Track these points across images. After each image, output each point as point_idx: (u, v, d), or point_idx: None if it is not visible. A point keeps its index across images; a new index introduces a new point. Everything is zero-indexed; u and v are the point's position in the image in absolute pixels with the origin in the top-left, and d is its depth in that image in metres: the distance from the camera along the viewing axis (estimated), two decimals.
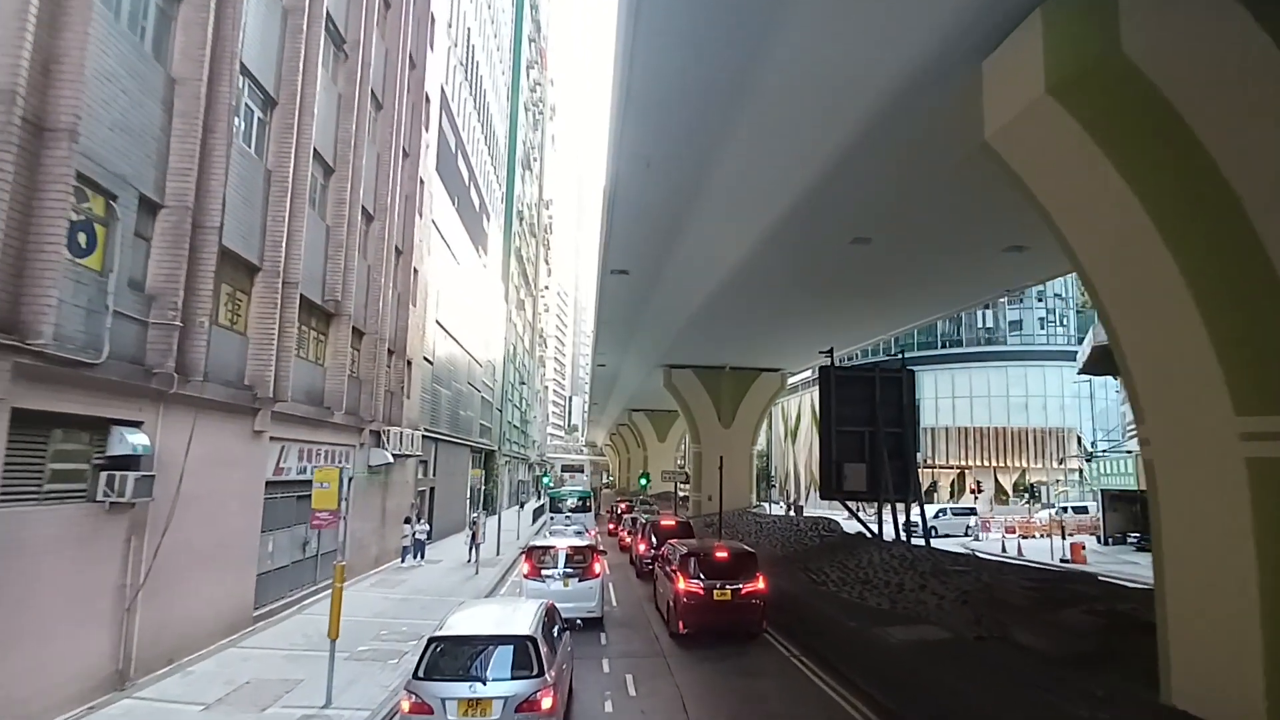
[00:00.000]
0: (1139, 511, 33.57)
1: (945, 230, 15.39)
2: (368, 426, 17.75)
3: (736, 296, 22.87)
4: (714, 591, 12.45)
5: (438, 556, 22.86)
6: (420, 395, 23.89)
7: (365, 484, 18.17)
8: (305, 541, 14.70)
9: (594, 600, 13.47)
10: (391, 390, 20.21)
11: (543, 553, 14.04)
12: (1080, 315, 58.92)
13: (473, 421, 34.59)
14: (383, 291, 18.18)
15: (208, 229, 9.88)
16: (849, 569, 16.69)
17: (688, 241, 18.87)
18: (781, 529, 26.84)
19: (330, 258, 14.91)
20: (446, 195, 27.34)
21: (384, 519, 19.95)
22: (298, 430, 13.85)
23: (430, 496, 26.20)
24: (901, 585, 14.03)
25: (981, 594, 12.39)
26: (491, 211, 40.33)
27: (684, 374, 38.45)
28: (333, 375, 15.37)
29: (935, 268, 17.69)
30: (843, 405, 22.34)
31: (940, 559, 16.15)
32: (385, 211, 18.25)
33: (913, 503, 22.91)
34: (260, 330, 11.88)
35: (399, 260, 20.76)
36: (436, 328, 26.29)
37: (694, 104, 11.83)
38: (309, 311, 14.55)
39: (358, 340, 17.51)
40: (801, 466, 79.74)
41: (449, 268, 28.12)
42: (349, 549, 17.09)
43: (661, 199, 16.18)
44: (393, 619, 13.54)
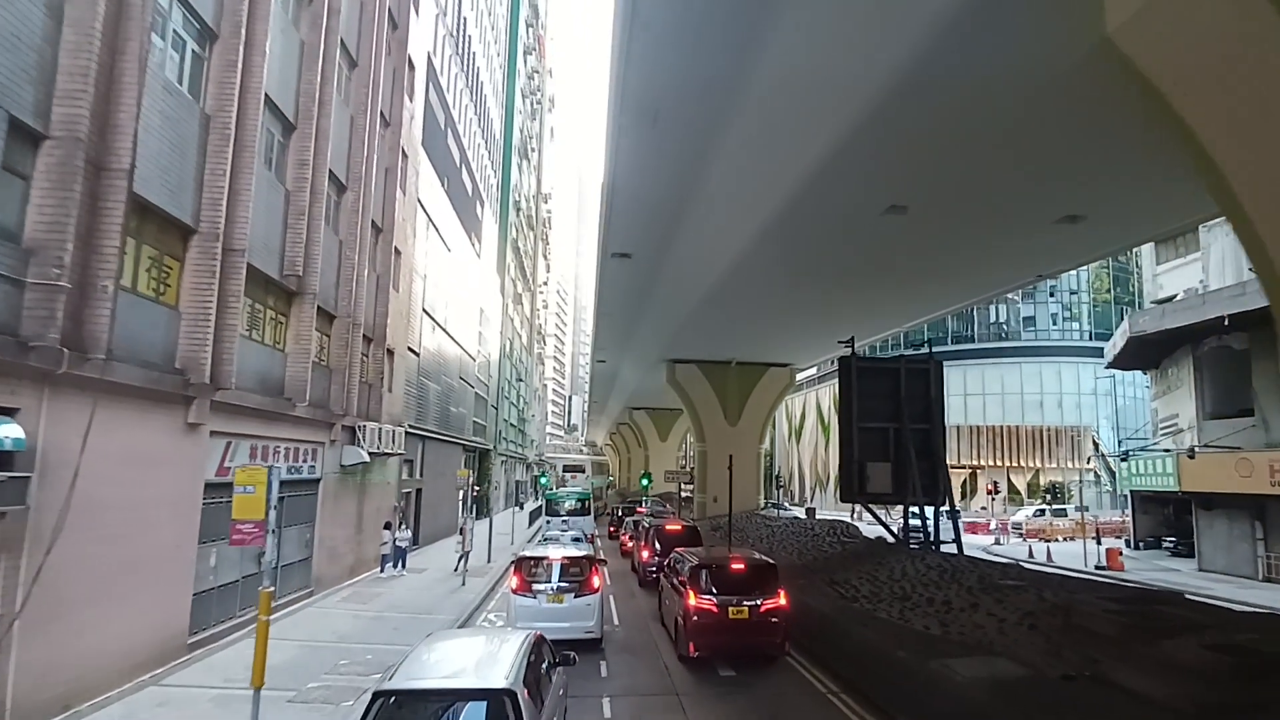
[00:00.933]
0: (1171, 514, 31.75)
1: (992, 197, 13.50)
2: (339, 421, 15.84)
3: (747, 282, 20.99)
4: (729, 609, 10.79)
5: (423, 564, 20.94)
6: (404, 389, 21.99)
7: (337, 486, 16.26)
8: (260, 553, 12.76)
9: (592, 619, 11.76)
10: (369, 382, 18.29)
11: (534, 564, 12.26)
12: (1096, 311, 57.04)
13: (465, 419, 32.68)
14: (357, 271, 16.27)
15: (113, 171, 7.97)
16: (881, 582, 14.78)
17: (697, 216, 16.97)
18: (795, 533, 24.95)
19: (290, 227, 13.00)
20: (435, 174, 25.43)
21: (360, 524, 18.04)
22: (249, 424, 11.94)
23: (416, 498, 24.30)
24: (948, 603, 12.11)
25: (1052, 616, 10.47)
26: (486, 199, 38.42)
27: (688, 369, 36.61)
28: (295, 362, 13.47)
29: (977, 242, 15.77)
30: (865, 399, 20.56)
31: (986, 570, 14.24)
32: (360, 182, 16.34)
33: (941, 505, 21.05)
34: (195, 304, 9.97)
35: (378, 239, 18.86)
36: (424, 317, 24.39)
37: (713, 38, 9.93)
38: (263, 287, 12.64)
39: (326, 324, 15.60)
40: (806, 467, 77.82)
41: (438, 253, 26.22)
42: (319, 559, 15.20)
43: (670, 164, 14.28)
44: (358, 644, 11.62)
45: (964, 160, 12.08)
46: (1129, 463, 29.31)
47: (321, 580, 15.47)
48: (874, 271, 18.99)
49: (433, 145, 25.04)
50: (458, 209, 29.52)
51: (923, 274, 18.83)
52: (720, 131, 12.79)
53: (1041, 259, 17.11)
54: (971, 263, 17.45)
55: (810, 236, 16.48)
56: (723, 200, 15.63)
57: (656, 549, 18.24)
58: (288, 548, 13.90)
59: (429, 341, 25.26)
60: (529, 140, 59.26)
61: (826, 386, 73.08)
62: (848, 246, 17.03)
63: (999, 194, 13.28)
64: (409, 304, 22.14)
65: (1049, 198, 13.35)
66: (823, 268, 19.46)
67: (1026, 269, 18.61)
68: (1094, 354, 55.56)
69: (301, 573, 14.64)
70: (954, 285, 20.35)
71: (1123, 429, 55.08)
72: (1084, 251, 16.73)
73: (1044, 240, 15.27)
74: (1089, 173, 12.51)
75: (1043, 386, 55.88)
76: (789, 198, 14.25)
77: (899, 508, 20.69)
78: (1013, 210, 13.91)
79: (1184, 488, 24.66)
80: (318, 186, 13.78)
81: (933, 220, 14.55)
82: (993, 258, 16.73)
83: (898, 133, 11.39)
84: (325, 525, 15.56)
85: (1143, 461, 28.39)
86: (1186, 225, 15.37)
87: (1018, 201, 13.55)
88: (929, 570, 15.12)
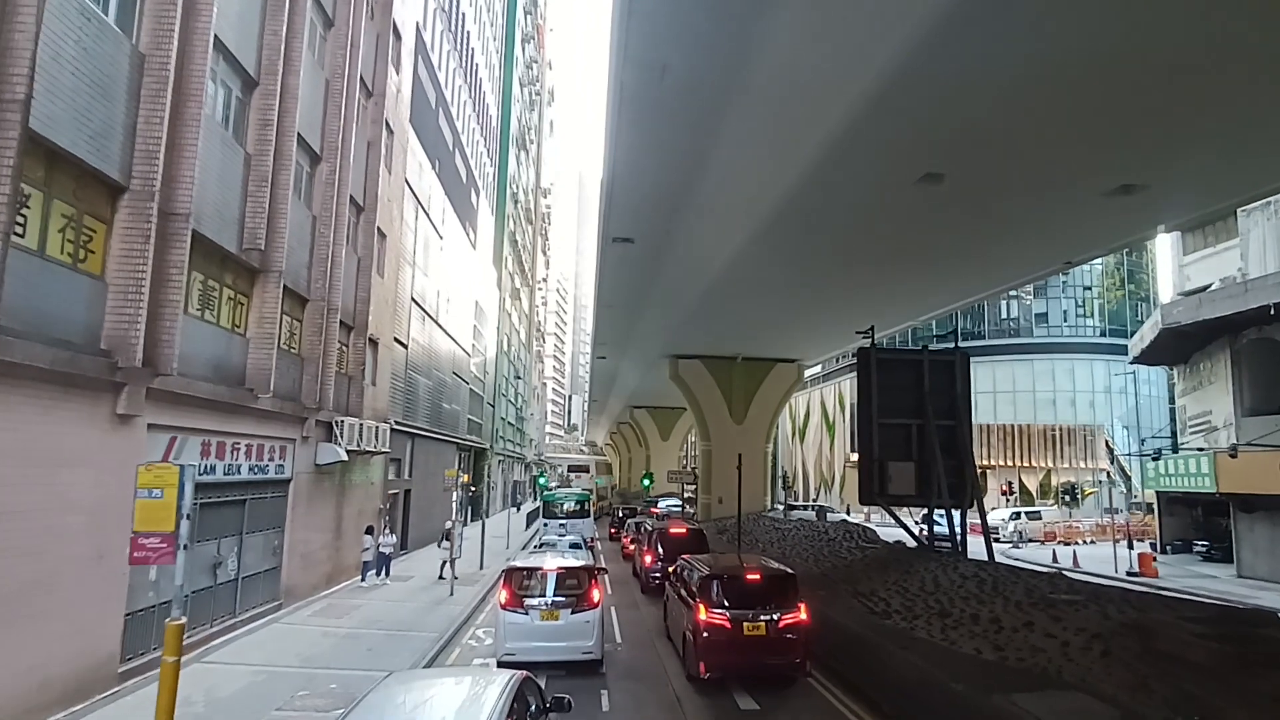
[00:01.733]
0: (1200, 516, 30.27)
1: (1040, 163, 11.99)
2: (313, 416, 14.36)
3: (757, 269, 19.56)
4: (744, 624, 9.71)
5: (409, 571, 19.46)
6: (391, 382, 20.50)
7: (311, 487, 14.78)
8: (218, 562, 11.30)
9: (591, 639, 10.44)
10: (349, 374, 16.81)
11: (525, 575, 10.97)
12: (1109, 307, 55.54)
13: (459, 416, 31.19)
14: (333, 251, 14.78)
15: (3, 102, 6.49)
16: (913, 594, 13.32)
17: (705, 194, 15.51)
18: (808, 537, 23.46)
19: (251, 195, 11.51)
20: (425, 156, 23.95)
21: (339, 528, 16.56)
22: (201, 416, 10.45)
23: (405, 500, 22.81)
24: (997, 621, 10.62)
25: (1125, 639, 8.99)
26: (481, 188, 36.94)
27: (692, 365, 35.17)
28: (258, 348, 11.98)
29: (1018, 217, 14.26)
30: (886, 394, 19.11)
31: (1031, 580, 12.77)
32: (336, 153, 14.86)
33: (969, 508, 19.58)
34: (125, 273, 8.48)
35: (359, 219, 17.38)
36: (413, 306, 22.91)
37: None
38: (219, 262, 11.16)
39: (297, 308, 14.11)
40: (810, 467, 76.29)
41: (429, 240, 24.74)
42: (290, 568, 13.72)
43: (678, 130, 12.82)
44: (323, 668, 10.13)
45: (1011, 118, 10.61)
46: (1159, 462, 27.78)
47: (293, 591, 13.99)
48: (899, 253, 17.51)
49: (422, 124, 23.57)
50: (450, 195, 28.04)
51: (954, 255, 17.33)
52: (734, 89, 11.33)
53: (1084, 236, 15.57)
54: (1008, 241, 15.94)
55: (830, 214, 15.01)
56: (735, 173, 14.18)
57: (659, 553, 17.45)
58: (251, 556, 12.42)
59: (419, 333, 23.78)
60: (527, 131, 57.76)
61: (831, 385, 71.59)
62: (872, 224, 15.56)
63: (1049, 159, 11.79)
64: (396, 292, 20.66)
65: (1106, 164, 11.87)
66: (842, 250, 17.98)
67: (1063, 250, 17.10)
68: (1107, 351, 54.13)
69: (268, 584, 13.15)
70: (987, 268, 18.83)
71: (1127, 429, 53.66)
72: (1131, 228, 15.19)
73: (1092, 213, 13.76)
74: (1143, 138, 11.07)
75: (1055, 384, 54.42)
76: (810, 167, 12.79)
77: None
78: (1063, 177, 12.40)
79: (1221, 489, 23.16)
80: (284, 152, 12.29)
81: (971, 190, 13.06)
82: (1032, 235, 15.22)
83: (937, 85, 9.92)
84: (297, 530, 14.07)
85: (1175, 461, 26.87)
86: (1260, 194, 13.83)
87: (1070, 167, 12.06)
88: (964, 581, 13.66)
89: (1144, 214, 13.72)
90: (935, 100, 10.32)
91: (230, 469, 11.41)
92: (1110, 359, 53.31)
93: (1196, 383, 27.88)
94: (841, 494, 67.96)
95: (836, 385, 71.30)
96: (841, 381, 70.18)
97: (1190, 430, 29.02)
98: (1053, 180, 12.48)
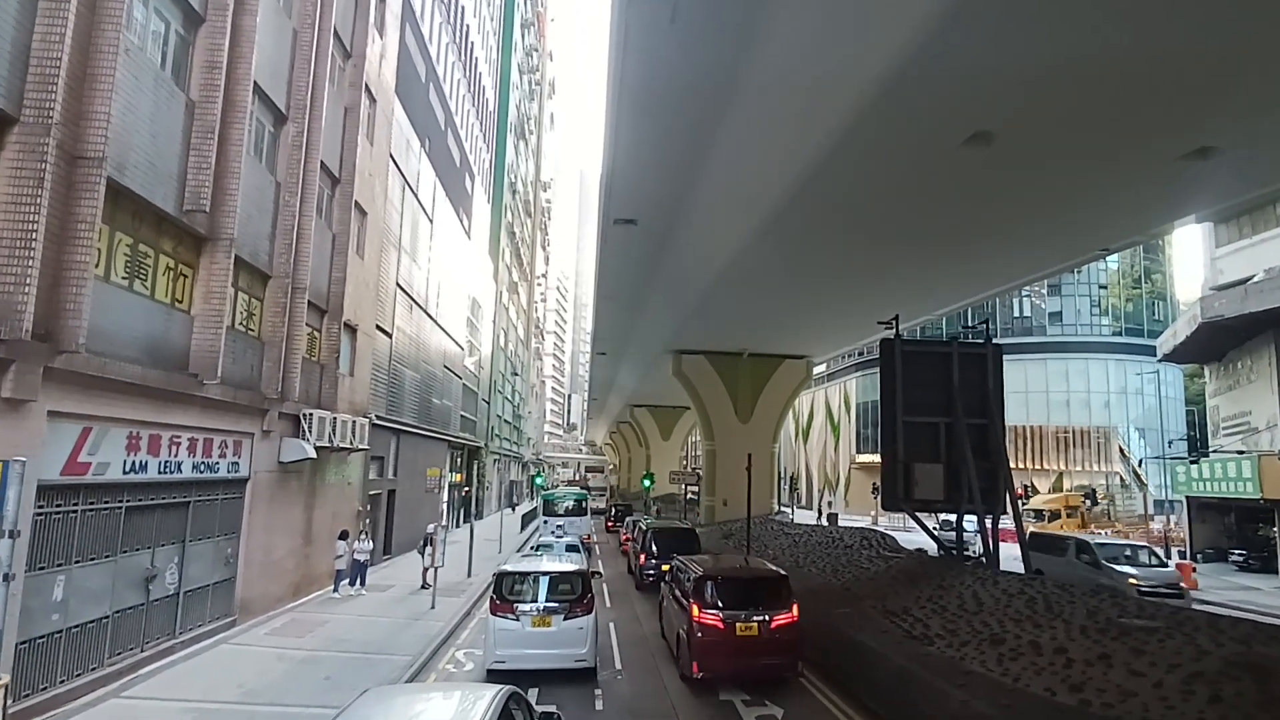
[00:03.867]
0: (1233, 523, 28.65)
1: (1111, 118, 10.35)
2: (276, 408, 12.75)
3: (771, 253, 18.03)
4: (737, 625, 9.84)
5: (389, 579, 17.84)
6: (372, 374, 18.89)
7: (274, 487, 13.17)
8: (150, 576, 9.67)
9: (585, 646, 10.13)
10: (322, 362, 15.20)
11: (517, 580, 10.60)
12: (1126, 307, 53.91)
13: (451, 412, 29.58)
14: (301, 222, 13.18)
15: None
16: (952, 613, 11.69)
17: (718, 165, 13.96)
18: (822, 544, 21.76)
19: (195, 148, 9.91)
20: (414, 133, 22.36)
21: (309, 533, 14.95)
22: (126, 404, 8.84)
23: (389, 501, 21.19)
24: (1064, 651, 8.97)
25: (1237, 680, 7.38)
26: (476, 174, 35.31)
27: (696, 361, 33.57)
28: (204, 327, 10.37)
29: (1077, 185, 12.58)
30: (912, 389, 17.53)
31: (1092, 601, 11.14)
32: (304, 112, 13.25)
33: (1002, 513, 18.01)
34: (10, 224, 6.88)
35: (335, 192, 15.76)
36: (400, 293, 21.31)
37: None
38: (151, 223, 9.54)
39: (257, 285, 12.50)
40: (814, 468, 74.64)
41: (417, 223, 23.14)
42: (247, 579, 12.10)
43: (689, 85, 11.24)
44: (268, 704, 8.50)
45: (1083, 61, 8.98)
46: (1196, 465, 26.16)
47: (250, 606, 12.37)
48: (930, 235, 15.89)
49: (410, 98, 21.96)
50: (442, 178, 26.43)
51: (991, 234, 15.69)
52: (753, 35, 9.76)
53: (1161, 207, 13.86)
54: (1057, 216, 14.23)
55: (860, 186, 13.39)
56: (752, 139, 12.59)
57: (653, 551, 18.34)
58: (197, 567, 10.80)
59: (405, 322, 22.17)
60: (527, 121, 56.14)
61: (836, 384, 69.96)
62: (904, 200, 13.94)
63: (1125, 111, 10.13)
64: (379, 276, 19.05)
65: (1188, 120, 10.24)
66: (866, 233, 16.37)
67: (1113, 230, 15.45)
68: (1123, 350, 52.53)
69: (220, 598, 11.53)
70: (1030, 248, 17.09)
71: (1152, 430, 52.04)
72: (1213, 196, 13.46)
73: (1157, 182, 12.13)
74: (1222, 95, 9.46)
75: (1068, 384, 52.83)
76: (841, 131, 11.16)
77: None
78: (1138, 135, 10.74)
79: (1266, 494, 21.57)
80: (236, 102, 10.68)
81: (1025, 152, 11.43)
82: (1087, 208, 13.55)
83: (997, 16, 8.31)
84: (256, 536, 12.46)
85: (1212, 465, 25.25)
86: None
87: (1147, 122, 10.40)
88: (1009, 598, 12.04)
89: (1216, 182, 12.05)
90: (994, 37, 8.71)
91: (168, 466, 9.79)
92: (1126, 359, 51.71)
93: (1233, 381, 26.29)
94: (847, 496, 66.34)
95: (842, 384, 69.68)
96: (847, 381, 68.59)
97: (1224, 432, 27.43)
98: (1125, 138, 10.83)
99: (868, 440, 65.39)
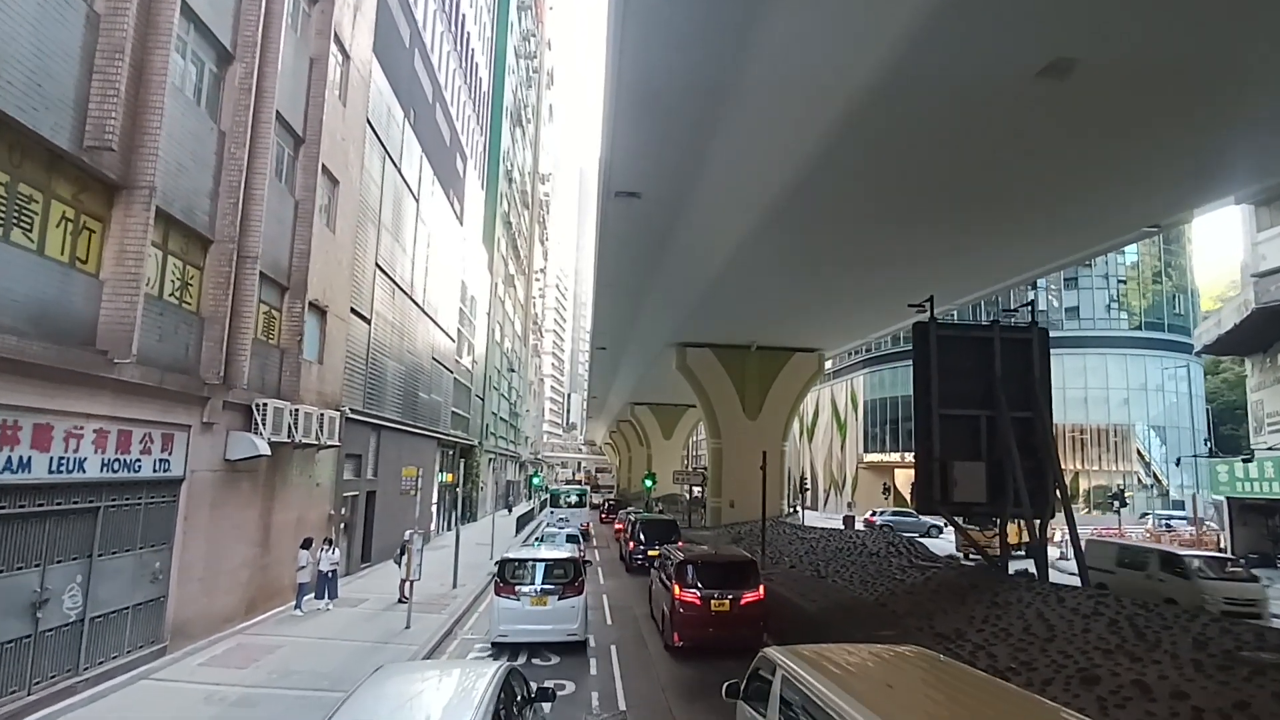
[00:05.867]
0: (1277, 525, 26.79)
1: (1210, 48, 8.48)
2: (220, 396, 10.87)
3: (786, 235, 16.47)
4: (711, 601, 11.49)
5: (364, 591, 15.94)
6: (347, 362, 17.00)
7: (220, 489, 11.27)
8: (39, 601, 7.78)
9: (576, 622, 11.62)
10: (282, 346, 13.31)
11: (518, 565, 12.13)
12: (1145, 301, 51.97)
13: (440, 408, 27.67)
14: (250, 180, 11.28)
15: None
16: (1017, 639, 9.87)
17: (733, 127, 12.14)
18: (843, 550, 19.85)
19: (100, 71, 8.01)
20: (396, 101, 20.46)
21: (267, 541, 13.06)
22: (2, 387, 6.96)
23: (368, 504, 19.28)
24: (1184, 697, 7.12)
25: None
26: (469, 154, 33.40)
27: (701, 354, 31.70)
28: (117, 294, 8.48)
29: (1152, 137, 10.69)
30: (949, 379, 15.77)
31: (1192, 625, 9.27)
32: (254, 52, 11.34)
33: (1050, 519, 16.21)
34: None
35: (298, 152, 13.87)
36: (382, 276, 19.42)
37: None
38: (37, 160, 7.63)
39: (195, 250, 10.60)
40: (820, 468, 72.65)
41: (401, 200, 21.26)
42: (181, 598, 10.21)
43: (701, 22, 9.37)
44: None
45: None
46: (1244, 464, 24.26)
47: (188, 629, 10.48)
48: (972, 203, 14.06)
49: (392, 63, 20.07)
50: (430, 155, 24.53)
51: (1041, 202, 13.82)
52: None
53: (1239, 166, 11.95)
54: (1116, 182, 12.37)
55: (895, 142, 11.53)
56: (772, 95, 10.74)
57: (640, 539, 21.15)
58: (110, 587, 8.90)
59: (388, 308, 20.29)
60: (524, 109, 54.19)
61: (843, 381, 68.03)
62: (950, 157, 12.09)
63: (1219, 45, 8.27)
64: (355, 254, 17.16)
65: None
66: (899, 201, 14.52)
67: (1189, 192, 13.56)
68: (1143, 345, 50.61)
69: (144, 622, 9.63)
70: (1079, 224, 15.29)
71: (1172, 428, 50.18)
72: (1250, 174, 11.63)
73: (1261, 127, 10.24)
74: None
75: (1086, 381, 50.91)
76: (885, 69, 9.33)
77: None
78: (1243, 67, 8.88)
79: None
80: (158, 23, 8.79)
81: (1102, 92, 9.55)
82: (1155, 168, 11.66)
83: None
84: (194, 547, 10.57)
85: (1261, 463, 23.35)
86: None
87: (1247, 54, 8.54)
88: (1085, 620, 10.22)
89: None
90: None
91: (63, 465, 7.90)
92: (1146, 354, 49.80)
93: None
94: (853, 497, 64.38)
95: (848, 381, 67.74)
96: (854, 378, 66.66)
97: (1269, 428, 25.54)
98: (1233, 70, 8.94)
99: (876, 439, 63.42)
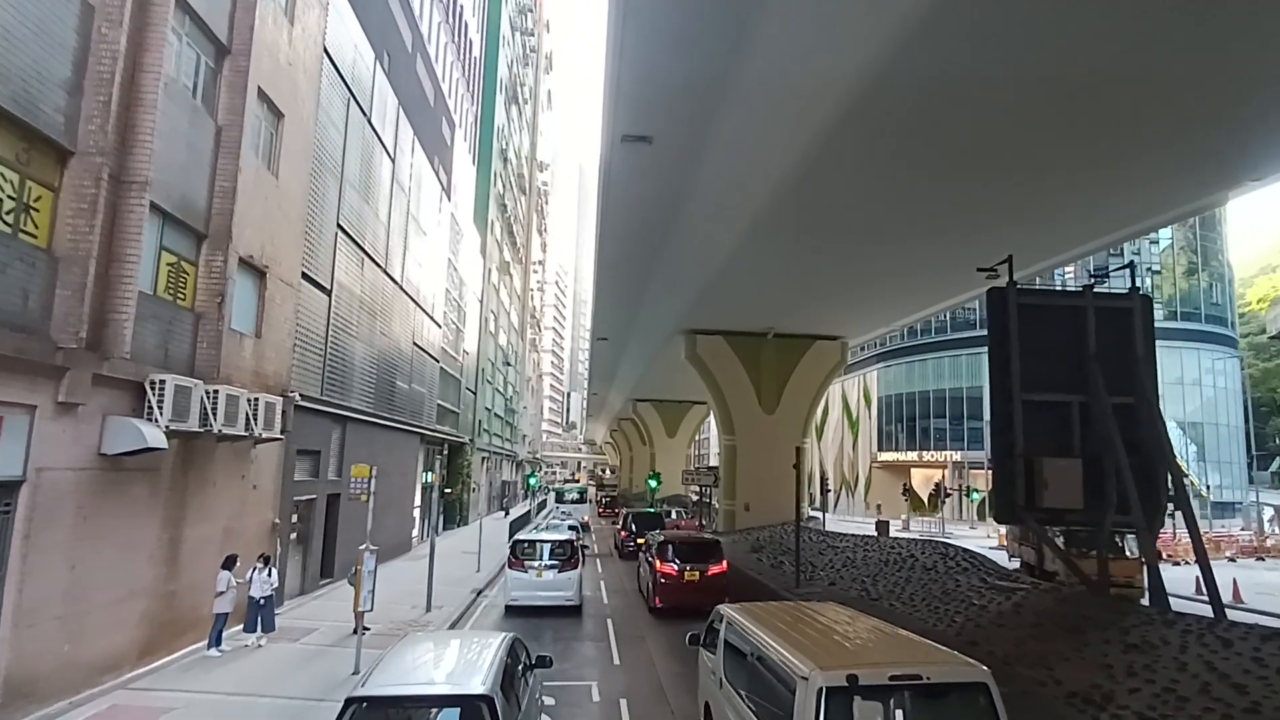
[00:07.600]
0: None
1: None
2: (89, 367, 7.93)
3: (820, 190, 13.51)
4: (685, 573, 14.58)
5: (316, 618, 12.94)
6: (298, 338, 14.04)
7: (93, 493, 8.31)
8: None
9: (572, 590, 14.66)
10: (197, 310, 10.36)
11: (527, 546, 14.98)
12: (1185, 288, 48.96)
13: (424, 400, 24.72)
14: (137, 80, 8.35)
15: None
16: (1194, 704, 6.94)
17: (765, 46, 9.16)
18: (888, 563, 16.67)
19: None
20: (364, 37, 17.52)
21: (176, 561, 10.10)
22: None
23: (328, 510, 16.26)
24: None
25: None
26: (458, 123, 30.44)
27: (713, 342, 28.74)
28: None
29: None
30: (1032, 357, 13.05)
31: None
32: None
33: (1161, 527, 13.33)
34: None
35: (224, 65, 10.91)
36: (345, 240, 16.47)
37: None
38: None
39: (45, 161, 7.64)
40: (830, 467, 69.57)
41: (372, 156, 18.31)
42: (18, 643, 7.23)
43: None
44: None
45: None
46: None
47: (33, 688, 7.50)
48: (1048, 153, 11.11)
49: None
50: (409, 112, 21.57)
51: (1156, 143, 10.88)
52: None
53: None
54: (1254, 114, 9.43)
55: (957, 71, 8.61)
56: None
57: (631, 530, 24.39)
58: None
59: (354, 280, 17.33)
60: (520, 87, 51.21)
61: (854, 376, 64.99)
62: (1024, 98, 9.16)
63: None
64: (307, 209, 14.22)
65: None
66: (951, 144, 11.59)
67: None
68: (1178, 336, 47.42)
69: None
70: (1187, 168, 12.40)
71: (1210, 425, 47.28)
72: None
73: None
74: None
75: None
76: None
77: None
78: None
79: None
80: None
81: None
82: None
83: None
84: (46, 575, 7.62)
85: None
86: None
87: None
88: (1257, 667, 7.37)
89: None
90: None
91: None
92: (1182, 345, 46.68)
93: None
94: (866, 498, 61.36)
95: (861, 377, 64.74)
96: (867, 373, 63.72)
97: None
98: None
99: (890, 438, 60.37)
